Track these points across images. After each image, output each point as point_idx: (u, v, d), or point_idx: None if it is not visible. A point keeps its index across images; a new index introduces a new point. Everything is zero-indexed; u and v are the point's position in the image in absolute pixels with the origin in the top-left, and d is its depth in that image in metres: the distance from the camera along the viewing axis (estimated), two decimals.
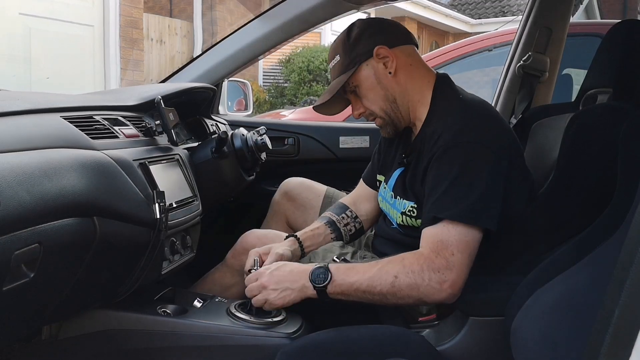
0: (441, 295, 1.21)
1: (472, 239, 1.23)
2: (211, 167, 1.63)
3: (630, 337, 0.61)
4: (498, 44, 3.54)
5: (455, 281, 1.20)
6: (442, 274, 1.20)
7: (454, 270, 1.20)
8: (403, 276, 1.22)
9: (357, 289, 1.25)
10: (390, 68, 1.40)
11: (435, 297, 1.22)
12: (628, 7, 10.13)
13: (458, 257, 1.21)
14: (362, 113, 1.46)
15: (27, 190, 0.87)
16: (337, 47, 1.44)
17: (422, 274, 1.21)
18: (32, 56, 5.39)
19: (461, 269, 1.21)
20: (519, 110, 1.98)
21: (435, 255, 1.22)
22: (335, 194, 1.83)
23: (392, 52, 1.40)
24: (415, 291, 1.21)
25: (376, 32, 1.42)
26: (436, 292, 1.21)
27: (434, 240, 1.24)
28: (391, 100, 1.41)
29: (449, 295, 1.21)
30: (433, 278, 1.20)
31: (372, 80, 1.40)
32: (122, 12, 6.23)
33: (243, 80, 2.37)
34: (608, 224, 0.94)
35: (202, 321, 1.30)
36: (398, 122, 1.45)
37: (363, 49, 1.40)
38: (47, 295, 1.04)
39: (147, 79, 6.92)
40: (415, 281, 1.21)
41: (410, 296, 1.22)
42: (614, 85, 1.25)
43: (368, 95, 1.42)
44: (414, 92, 1.42)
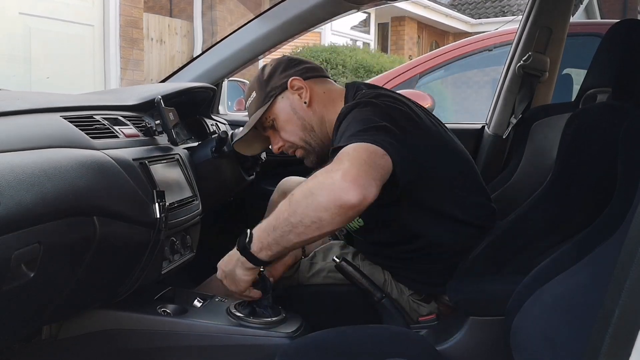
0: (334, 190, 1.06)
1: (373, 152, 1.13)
2: (211, 166, 1.63)
3: (630, 337, 0.61)
4: (498, 44, 3.54)
5: (346, 172, 1.07)
6: (332, 171, 1.09)
7: (344, 163, 1.08)
8: (298, 189, 1.13)
9: (268, 232, 1.16)
10: (304, 98, 1.44)
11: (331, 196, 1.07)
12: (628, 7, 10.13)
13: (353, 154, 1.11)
14: (282, 146, 1.49)
15: (27, 189, 0.87)
16: (252, 85, 1.51)
17: (314, 178, 1.12)
18: (32, 56, 5.39)
19: (355, 161, 1.09)
20: (519, 110, 1.98)
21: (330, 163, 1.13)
22: None
23: (305, 83, 1.45)
24: (310, 197, 1.09)
25: (289, 66, 1.48)
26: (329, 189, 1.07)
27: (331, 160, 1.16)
28: (309, 129, 1.45)
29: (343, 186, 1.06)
30: (324, 176, 1.10)
31: (289, 111, 1.45)
32: (122, 11, 6.23)
33: (243, 80, 2.37)
34: (608, 224, 0.94)
35: (202, 321, 1.30)
36: (320, 149, 1.46)
37: (277, 82, 1.46)
38: (47, 295, 1.04)
39: (147, 78, 6.92)
40: (307, 186, 1.11)
41: (308, 205, 1.09)
42: (614, 85, 1.25)
43: (286, 127, 1.46)
44: (330, 116, 1.43)
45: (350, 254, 1.51)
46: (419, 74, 3.58)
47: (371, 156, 1.12)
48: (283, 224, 1.13)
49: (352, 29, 11.38)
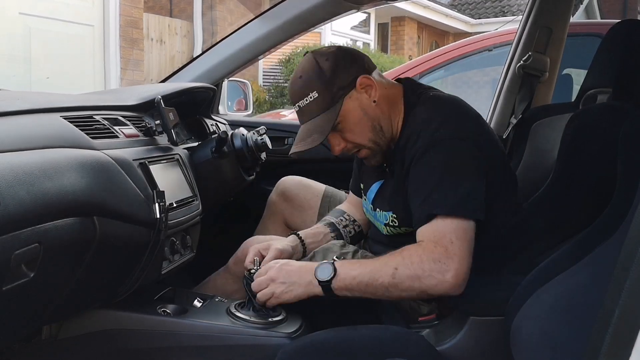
0: (444, 286, 1.18)
1: (468, 229, 1.22)
2: (211, 167, 1.63)
3: (630, 337, 0.61)
4: (498, 44, 3.54)
5: (458, 270, 1.17)
6: (443, 264, 1.17)
7: (455, 258, 1.18)
8: (403, 267, 1.20)
9: (359, 282, 1.23)
10: (373, 97, 1.34)
11: (439, 289, 1.18)
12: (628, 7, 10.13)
13: (457, 244, 1.19)
14: (344, 148, 1.39)
15: (27, 190, 0.87)
16: (311, 82, 1.33)
17: (422, 265, 1.18)
18: (32, 56, 5.39)
19: (462, 257, 1.18)
20: (519, 110, 1.98)
21: (434, 245, 1.20)
22: (334, 194, 1.82)
23: (372, 79, 1.35)
24: (417, 282, 1.19)
25: (351, 61, 1.36)
26: (439, 283, 1.18)
27: (431, 232, 1.22)
28: (378, 129, 1.36)
29: (453, 285, 1.18)
30: (434, 268, 1.18)
31: (358, 112, 1.34)
32: (122, 12, 6.23)
33: (243, 80, 2.37)
34: (608, 224, 0.94)
35: (202, 321, 1.30)
36: (387, 148, 1.40)
37: (344, 80, 1.32)
38: (47, 295, 1.04)
39: (147, 79, 6.92)
40: (415, 272, 1.19)
41: (413, 288, 1.20)
42: (614, 85, 1.25)
43: (355, 129, 1.35)
44: (394, 111, 1.38)
45: (350, 253, 1.51)
46: (419, 74, 3.59)
47: (470, 237, 1.21)
48: (380, 286, 1.22)
49: (352, 29, 11.39)
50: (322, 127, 1.33)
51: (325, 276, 1.24)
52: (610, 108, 1.22)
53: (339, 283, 1.24)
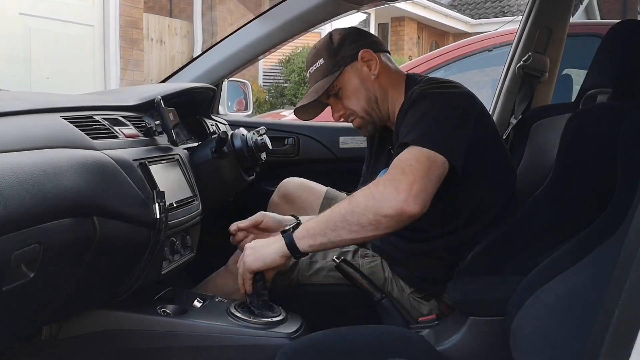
0: (397, 199, 1.17)
1: (433, 158, 1.22)
2: (211, 167, 1.63)
3: (630, 337, 0.61)
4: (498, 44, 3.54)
5: (410, 184, 1.17)
6: (396, 180, 1.19)
7: (409, 174, 1.18)
8: (359, 192, 1.24)
9: (319, 222, 1.25)
10: (374, 70, 1.46)
11: (392, 202, 1.17)
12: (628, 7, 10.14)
13: (416, 166, 1.20)
14: (343, 114, 1.52)
15: (27, 190, 0.87)
16: (320, 51, 1.49)
17: (378, 185, 1.21)
18: (32, 56, 5.39)
19: (417, 175, 1.18)
20: (519, 111, 1.98)
21: (392, 169, 1.22)
22: (335, 195, 1.83)
23: (375, 55, 1.46)
24: (371, 200, 1.19)
25: (358, 37, 1.50)
26: (391, 197, 1.17)
27: (397, 161, 1.24)
28: (373, 100, 1.48)
29: (404, 198, 1.16)
30: (387, 184, 1.19)
31: (357, 82, 1.47)
32: (122, 12, 6.23)
33: (243, 81, 2.37)
34: (608, 224, 0.94)
35: (202, 321, 1.30)
36: (378, 120, 1.51)
37: (348, 52, 1.46)
38: (47, 295, 1.04)
39: (147, 79, 6.92)
40: (369, 190, 1.21)
41: (367, 207, 1.19)
42: (614, 85, 1.25)
43: (351, 97, 1.48)
44: (392, 91, 1.48)
45: (350, 252, 1.51)
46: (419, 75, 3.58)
47: (432, 167, 1.22)
48: (338, 218, 1.22)
49: None
50: (319, 88, 1.47)
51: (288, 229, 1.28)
52: (610, 108, 1.22)
53: (301, 231, 1.26)
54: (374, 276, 1.45)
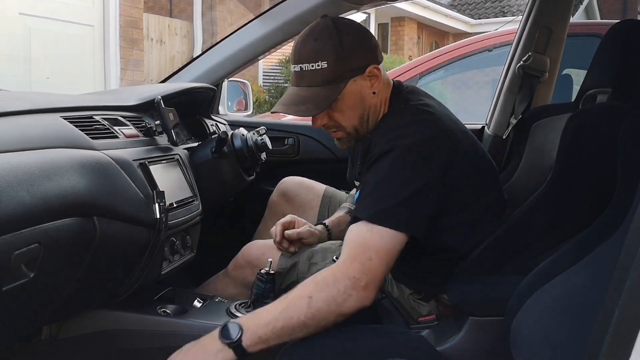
0: (357, 300, 1.13)
1: (394, 244, 1.17)
2: (211, 167, 1.63)
3: (630, 337, 0.61)
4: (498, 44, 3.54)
5: (368, 284, 1.13)
6: (357, 280, 1.13)
7: (370, 274, 1.14)
8: (317, 293, 1.12)
9: (273, 327, 1.10)
10: (374, 88, 1.32)
11: (351, 304, 1.13)
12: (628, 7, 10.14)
13: (375, 262, 1.15)
14: (326, 124, 1.35)
15: (27, 190, 0.88)
16: (326, 50, 1.27)
17: (337, 284, 1.12)
18: (32, 56, 5.38)
19: (376, 274, 1.15)
20: (519, 111, 1.98)
21: (351, 261, 1.15)
22: (334, 194, 1.83)
23: (380, 71, 1.32)
24: (333, 304, 1.12)
25: (369, 47, 1.33)
26: (353, 299, 1.12)
27: (354, 244, 1.18)
28: (365, 119, 1.34)
29: (363, 298, 1.13)
30: (348, 285, 1.12)
31: (356, 98, 1.30)
32: (122, 12, 6.22)
33: (243, 81, 2.37)
34: (608, 224, 0.94)
35: (202, 321, 1.30)
36: (362, 136, 1.37)
37: (357, 64, 1.29)
38: (47, 295, 1.04)
39: (147, 79, 6.92)
40: (330, 294, 1.12)
41: (330, 312, 1.12)
42: (614, 85, 1.25)
43: (345, 111, 1.32)
44: (381, 105, 1.36)
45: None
46: (419, 75, 3.58)
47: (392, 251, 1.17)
48: (297, 325, 1.11)
49: None
50: (320, 101, 1.28)
51: (232, 336, 1.09)
52: (609, 108, 1.22)
53: (251, 338, 1.09)
54: None
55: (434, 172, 1.23)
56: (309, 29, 1.33)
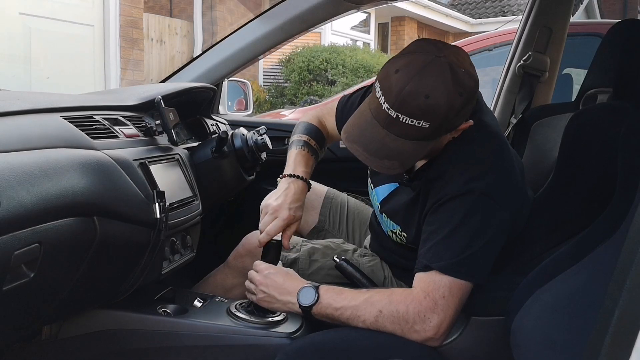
0: (422, 337, 1.17)
1: (463, 288, 1.19)
2: (211, 167, 1.63)
3: (630, 337, 0.61)
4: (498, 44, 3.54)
5: (440, 324, 1.16)
6: (427, 318, 1.16)
7: (441, 314, 1.16)
8: (387, 313, 1.18)
9: (341, 314, 1.22)
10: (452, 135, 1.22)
11: (419, 336, 1.18)
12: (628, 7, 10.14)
13: (448, 301, 1.17)
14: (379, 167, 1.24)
15: (27, 190, 0.88)
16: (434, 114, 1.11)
17: (407, 315, 1.17)
18: (32, 56, 5.38)
19: (448, 314, 1.17)
20: (519, 110, 1.98)
21: (424, 296, 1.17)
22: (336, 195, 1.83)
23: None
24: (399, 329, 1.18)
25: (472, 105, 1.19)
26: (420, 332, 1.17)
27: (426, 282, 1.19)
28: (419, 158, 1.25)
29: (430, 338, 1.17)
30: (417, 321, 1.16)
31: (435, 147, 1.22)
32: (122, 12, 6.22)
33: (243, 80, 2.36)
34: (608, 224, 0.94)
35: (202, 321, 1.30)
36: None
37: (456, 124, 1.17)
38: (47, 295, 1.04)
39: (147, 79, 6.92)
40: (398, 321, 1.18)
41: (394, 330, 1.19)
42: (614, 85, 1.25)
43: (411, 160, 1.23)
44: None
45: (350, 251, 1.51)
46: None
47: (463, 298, 1.19)
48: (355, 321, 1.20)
49: (352, 29, 11.38)
50: (407, 159, 1.19)
51: (307, 302, 1.24)
52: (610, 108, 1.22)
53: (320, 310, 1.24)
54: (373, 275, 1.45)
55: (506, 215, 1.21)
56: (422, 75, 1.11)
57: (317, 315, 1.24)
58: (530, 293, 1.03)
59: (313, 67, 8.44)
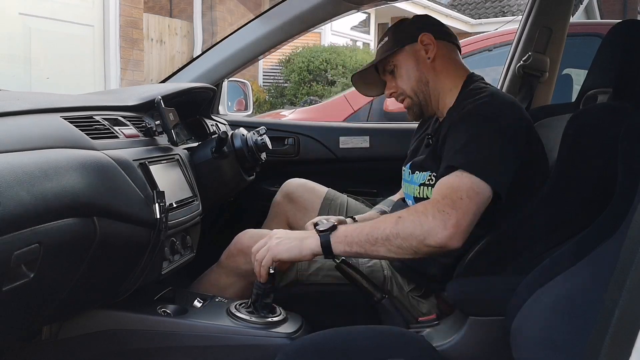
0: (444, 234, 1.18)
1: (482, 192, 1.22)
2: (211, 167, 1.63)
3: (630, 337, 0.61)
4: (498, 44, 3.54)
5: (459, 221, 1.18)
6: (446, 213, 1.19)
7: (459, 211, 1.19)
8: (407, 215, 1.22)
9: (360, 232, 1.24)
10: (430, 54, 1.48)
11: (438, 236, 1.18)
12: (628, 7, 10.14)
13: (466, 201, 1.20)
14: (394, 93, 1.54)
15: (27, 190, 0.87)
16: (388, 30, 1.56)
17: (426, 212, 1.20)
18: (32, 56, 5.38)
19: (467, 212, 1.19)
20: None
21: (442, 197, 1.22)
22: (335, 197, 1.84)
23: (435, 41, 1.48)
24: (418, 228, 1.19)
25: (426, 24, 1.54)
26: (439, 230, 1.18)
27: (444, 187, 1.24)
28: (424, 82, 1.49)
29: (452, 234, 1.18)
30: (437, 216, 1.19)
31: (412, 62, 1.49)
32: (122, 12, 6.22)
33: (243, 80, 2.37)
34: (608, 224, 0.94)
35: (202, 321, 1.30)
36: (425, 105, 1.51)
37: (410, 33, 1.50)
38: (47, 295, 1.04)
39: (147, 79, 6.92)
40: (418, 218, 1.20)
41: (414, 235, 1.19)
42: (614, 85, 1.25)
43: (404, 76, 1.50)
44: (446, 81, 1.49)
45: None
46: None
47: (481, 202, 1.22)
48: (380, 236, 1.21)
49: (352, 29, 11.38)
50: (375, 60, 1.55)
51: (324, 227, 1.27)
52: (610, 108, 1.22)
53: (339, 236, 1.25)
54: (373, 275, 1.46)
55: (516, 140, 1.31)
56: None
57: (336, 242, 1.25)
58: (530, 293, 1.03)
59: (313, 68, 8.44)
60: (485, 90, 1.41)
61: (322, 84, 8.36)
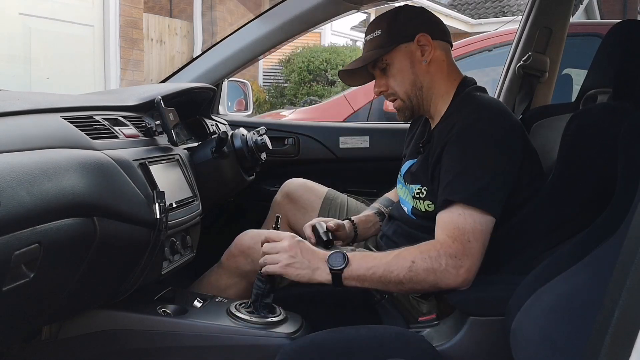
0: (457, 281, 1.22)
1: (486, 226, 1.24)
2: (211, 167, 1.63)
3: (630, 337, 0.61)
4: (498, 44, 3.54)
5: (470, 268, 1.22)
6: (458, 260, 1.21)
7: (470, 256, 1.22)
8: (420, 261, 1.22)
9: (373, 273, 1.25)
10: (426, 57, 1.43)
11: (451, 283, 1.22)
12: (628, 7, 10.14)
13: (473, 244, 1.22)
14: (384, 92, 1.48)
15: (27, 190, 0.87)
16: (381, 22, 1.46)
17: (439, 259, 1.21)
18: (32, 56, 5.38)
19: (477, 256, 1.22)
20: (519, 111, 1.98)
21: (452, 240, 1.23)
22: (335, 197, 1.83)
23: (432, 42, 1.43)
24: (432, 276, 1.22)
25: (423, 21, 1.46)
26: (452, 277, 1.21)
27: (450, 227, 1.25)
28: (418, 87, 1.44)
29: (465, 280, 1.22)
30: (450, 263, 1.21)
31: (407, 63, 1.43)
32: (122, 12, 6.22)
33: (243, 80, 2.37)
34: (608, 224, 0.94)
35: (202, 321, 1.30)
36: (417, 109, 1.47)
37: (407, 31, 1.43)
38: (47, 295, 1.04)
39: (147, 79, 6.92)
40: (432, 265, 1.22)
41: (427, 281, 1.23)
42: (614, 86, 1.25)
43: (397, 77, 1.44)
44: (440, 85, 1.45)
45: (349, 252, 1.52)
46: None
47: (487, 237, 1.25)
48: (393, 280, 1.24)
49: (352, 29, 11.38)
50: (367, 57, 1.45)
51: (337, 264, 1.26)
52: (610, 108, 1.22)
53: (351, 273, 1.26)
54: None
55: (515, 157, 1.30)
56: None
57: (348, 278, 1.26)
58: (530, 293, 1.03)
59: (313, 68, 8.44)
60: (474, 101, 1.39)
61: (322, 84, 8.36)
